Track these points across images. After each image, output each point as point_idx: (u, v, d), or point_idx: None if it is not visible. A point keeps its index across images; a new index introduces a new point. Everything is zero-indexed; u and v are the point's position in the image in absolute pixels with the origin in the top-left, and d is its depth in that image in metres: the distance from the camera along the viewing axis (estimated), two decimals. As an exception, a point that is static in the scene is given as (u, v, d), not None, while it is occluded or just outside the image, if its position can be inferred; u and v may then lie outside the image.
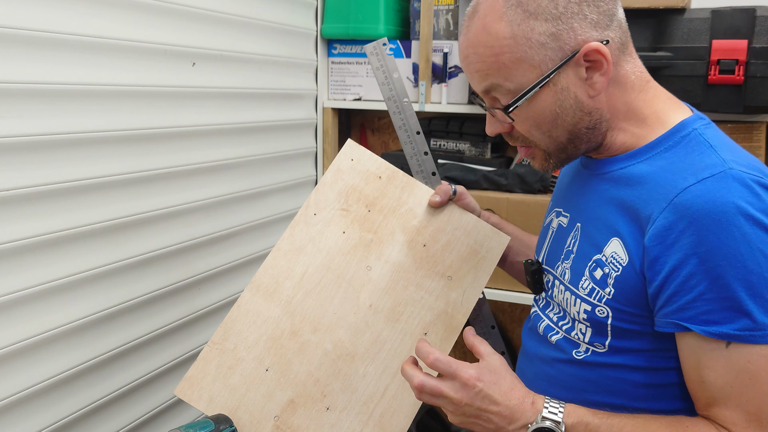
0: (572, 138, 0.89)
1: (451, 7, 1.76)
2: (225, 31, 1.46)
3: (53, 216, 1.10)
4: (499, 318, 2.06)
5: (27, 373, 1.07)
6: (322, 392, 1.03)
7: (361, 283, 1.09)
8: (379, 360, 1.05)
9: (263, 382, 1.02)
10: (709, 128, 0.88)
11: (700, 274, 0.77)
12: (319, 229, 1.11)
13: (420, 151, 1.19)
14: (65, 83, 1.10)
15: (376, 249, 1.11)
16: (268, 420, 1.00)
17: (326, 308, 1.07)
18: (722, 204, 0.76)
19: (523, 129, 0.90)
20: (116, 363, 1.25)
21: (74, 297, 1.15)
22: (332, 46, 1.90)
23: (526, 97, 0.85)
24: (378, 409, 1.02)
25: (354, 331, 1.06)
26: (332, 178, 1.15)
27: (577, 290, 0.92)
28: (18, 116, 1.03)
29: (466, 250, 1.12)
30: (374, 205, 1.13)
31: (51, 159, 1.09)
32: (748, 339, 0.77)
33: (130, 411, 1.30)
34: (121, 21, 1.19)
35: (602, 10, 0.84)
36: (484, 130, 1.80)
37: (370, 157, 1.16)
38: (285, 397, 1.02)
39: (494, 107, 0.90)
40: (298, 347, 1.04)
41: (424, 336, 1.06)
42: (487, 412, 0.85)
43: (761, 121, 1.52)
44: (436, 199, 1.13)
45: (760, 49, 1.40)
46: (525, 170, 1.68)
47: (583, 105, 0.86)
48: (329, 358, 1.04)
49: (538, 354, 1.01)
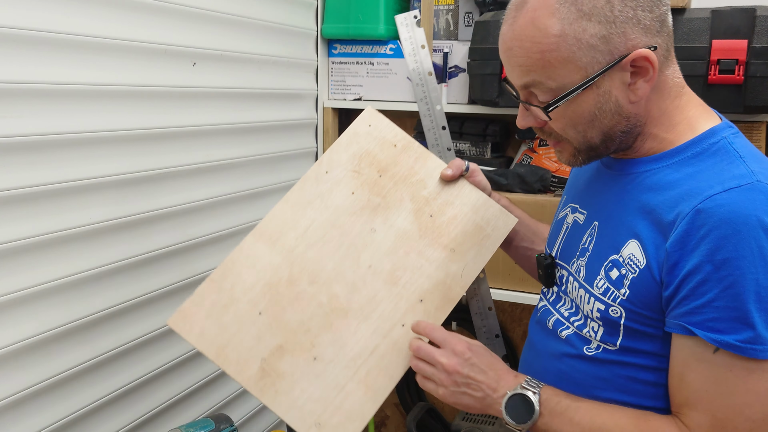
0: (605, 139, 0.88)
1: (451, 7, 1.76)
2: (225, 31, 1.46)
3: (53, 216, 1.10)
4: (499, 318, 2.06)
5: (27, 373, 1.07)
6: (311, 342, 1.03)
7: (364, 244, 1.10)
8: (372, 319, 1.06)
9: (255, 324, 1.03)
10: (738, 137, 0.87)
11: (713, 282, 0.78)
12: (328, 187, 1.12)
13: (438, 125, 1.20)
14: (65, 83, 1.10)
15: (383, 213, 1.12)
16: (254, 361, 1.01)
17: (326, 263, 1.08)
18: (745, 216, 0.76)
19: (558, 127, 0.89)
20: (116, 363, 1.25)
21: (74, 297, 1.15)
22: (332, 46, 1.90)
23: (568, 98, 0.84)
24: (365, 366, 1.03)
25: (351, 288, 1.07)
26: (348, 140, 1.16)
27: (591, 288, 0.92)
28: (18, 116, 1.03)
29: (472, 226, 1.13)
30: (386, 171, 1.14)
31: (51, 159, 1.09)
32: (748, 352, 0.77)
33: (130, 411, 1.30)
34: (121, 21, 1.19)
35: (655, 15, 0.83)
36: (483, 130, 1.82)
37: (388, 125, 1.17)
38: (274, 342, 1.03)
39: (530, 103, 0.89)
40: (293, 296, 1.05)
41: (420, 303, 1.07)
42: (475, 380, 0.93)
43: (761, 121, 1.52)
44: (448, 173, 1.13)
45: (760, 49, 1.40)
46: (525, 170, 1.68)
47: (622, 109, 0.85)
48: (323, 311, 1.05)
49: (547, 348, 1.01)
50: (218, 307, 1.03)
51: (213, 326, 1.02)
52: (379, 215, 1.12)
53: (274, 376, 1.01)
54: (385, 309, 1.07)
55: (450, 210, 1.14)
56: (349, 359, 1.03)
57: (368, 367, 1.03)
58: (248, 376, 1.00)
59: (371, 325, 1.05)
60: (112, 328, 1.23)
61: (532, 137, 1.79)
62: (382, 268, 1.09)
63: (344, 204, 1.12)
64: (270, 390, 1.00)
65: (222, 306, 1.03)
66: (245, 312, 1.03)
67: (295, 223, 1.10)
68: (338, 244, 1.09)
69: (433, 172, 1.15)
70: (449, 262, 1.11)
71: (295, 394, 1.00)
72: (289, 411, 1.00)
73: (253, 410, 1.70)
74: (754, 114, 1.49)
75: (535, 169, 1.69)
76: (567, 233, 1.03)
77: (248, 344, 1.02)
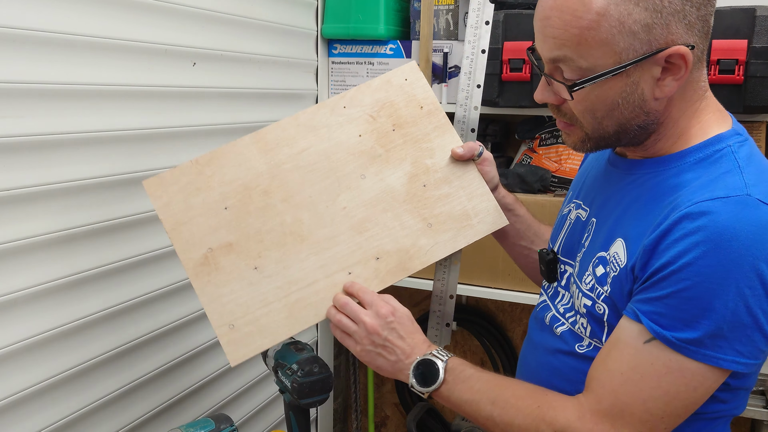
0: (619, 131, 0.86)
1: (451, 7, 1.76)
2: (225, 31, 1.46)
3: (53, 216, 1.10)
4: (499, 318, 2.06)
5: (27, 373, 1.07)
6: (259, 252, 1.06)
7: (348, 186, 1.10)
8: (323, 256, 1.07)
9: (217, 216, 1.06)
10: (744, 146, 0.86)
11: (672, 281, 0.78)
12: (340, 121, 1.13)
13: (471, 104, 1.19)
14: (65, 83, 1.10)
15: (379, 165, 1.12)
16: (202, 247, 1.04)
17: (306, 188, 1.09)
18: (723, 228, 0.75)
19: (577, 109, 0.86)
20: (116, 363, 1.25)
21: (74, 296, 1.15)
22: (332, 46, 1.90)
23: (596, 81, 0.81)
24: (297, 294, 1.05)
25: (318, 220, 1.08)
26: (378, 85, 1.16)
27: (581, 284, 0.93)
28: (18, 116, 1.03)
29: (460, 211, 1.12)
30: (401, 127, 1.14)
31: (51, 159, 1.09)
32: (680, 349, 0.78)
33: (130, 411, 1.30)
34: (121, 21, 1.19)
35: (701, 14, 0.80)
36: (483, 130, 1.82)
37: (423, 86, 1.16)
38: (227, 239, 1.05)
39: (555, 78, 0.85)
40: (262, 205, 1.08)
41: (375, 260, 1.08)
42: (392, 344, 0.97)
43: (761, 121, 1.52)
44: (459, 151, 1.12)
45: (760, 49, 1.40)
46: (525, 170, 1.68)
47: (645, 104, 0.83)
48: (282, 230, 1.07)
49: (543, 344, 1.01)
50: (192, 188, 1.06)
51: (180, 202, 1.05)
52: (375, 165, 1.12)
53: (213, 267, 1.04)
54: (339, 251, 1.08)
55: (445, 187, 1.13)
56: (286, 282, 1.05)
57: (300, 296, 1.05)
58: (191, 257, 1.04)
59: (320, 261, 1.07)
60: (111, 328, 1.23)
61: (532, 137, 1.79)
62: (355, 215, 1.09)
63: (347, 142, 1.12)
64: (204, 277, 1.04)
65: (195, 188, 1.06)
66: (213, 202, 1.06)
67: (293, 141, 1.11)
68: (324, 176, 1.10)
69: (446, 145, 1.14)
70: (421, 234, 1.10)
71: (223, 291, 1.04)
72: (211, 302, 1.03)
73: (253, 410, 1.70)
74: (754, 114, 1.49)
75: (535, 169, 1.69)
76: (570, 229, 1.03)
77: (203, 230, 1.05)
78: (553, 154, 1.74)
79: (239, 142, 1.09)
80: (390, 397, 2.23)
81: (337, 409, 2.18)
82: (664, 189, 0.85)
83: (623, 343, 0.83)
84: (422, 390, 0.95)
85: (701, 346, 0.77)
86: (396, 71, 1.16)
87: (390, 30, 1.82)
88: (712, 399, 0.84)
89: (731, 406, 0.89)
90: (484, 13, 1.18)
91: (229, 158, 1.08)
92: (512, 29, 1.60)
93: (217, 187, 1.07)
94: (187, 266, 1.04)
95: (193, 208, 1.06)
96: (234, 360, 1.02)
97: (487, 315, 2.06)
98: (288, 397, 1.10)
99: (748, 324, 0.76)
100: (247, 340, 1.03)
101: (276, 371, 1.10)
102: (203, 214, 1.05)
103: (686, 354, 0.78)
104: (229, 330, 1.03)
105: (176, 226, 1.04)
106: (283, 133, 1.11)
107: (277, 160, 1.09)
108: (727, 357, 0.78)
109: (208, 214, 1.06)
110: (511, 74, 1.62)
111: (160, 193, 1.05)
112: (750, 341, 0.77)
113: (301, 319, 1.05)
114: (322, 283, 1.06)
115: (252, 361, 1.65)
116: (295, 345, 1.11)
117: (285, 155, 1.10)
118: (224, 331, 1.03)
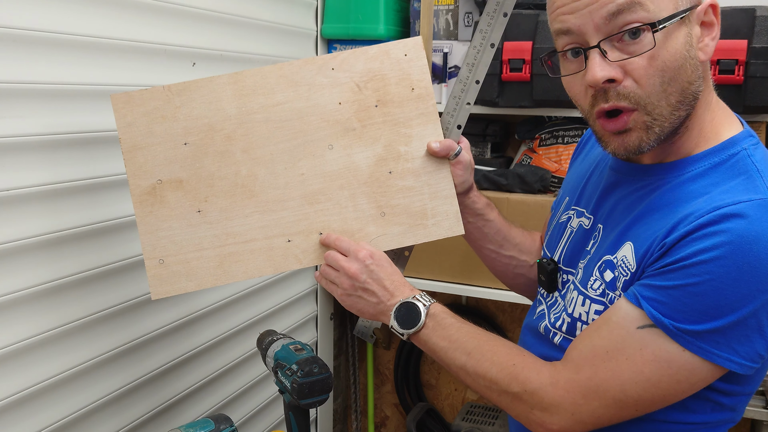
0: (680, 101, 0.82)
1: (451, 7, 1.76)
2: (225, 31, 1.46)
3: (53, 216, 1.10)
4: (499, 318, 2.06)
5: (27, 373, 1.07)
6: (206, 196, 1.05)
7: (312, 153, 1.07)
8: (268, 216, 1.06)
9: (174, 149, 1.05)
10: (758, 149, 0.85)
11: (681, 274, 0.77)
12: (323, 83, 1.08)
13: (465, 99, 1.12)
14: (65, 83, 1.10)
15: (350, 139, 1.08)
16: (152, 177, 1.04)
17: (269, 145, 1.07)
18: (744, 230, 0.75)
19: (644, 74, 0.80)
20: (116, 363, 1.25)
21: (75, 296, 1.15)
22: (332, 46, 1.90)
23: (675, 20, 0.78)
24: (233, 248, 1.05)
25: (272, 180, 1.07)
26: (375, 54, 1.09)
27: (586, 290, 0.92)
28: (18, 116, 1.03)
29: (419, 208, 1.08)
30: (385, 105, 1.09)
31: (51, 159, 1.09)
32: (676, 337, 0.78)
33: (130, 411, 1.30)
34: (121, 21, 1.19)
35: None
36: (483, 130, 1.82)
37: (421, 68, 1.09)
38: (179, 175, 1.05)
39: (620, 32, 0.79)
40: (222, 150, 1.06)
41: (318, 234, 1.07)
42: (373, 286, 0.99)
43: (761, 121, 1.52)
44: (434, 146, 1.07)
45: (760, 49, 1.40)
46: (525, 170, 1.68)
47: (698, 64, 0.82)
48: (235, 180, 1.06)
49: (540, 353, 1.00)
50: (157, 114, 1.05)
51: (143, 126, 1.04)
52: (346, 138, 1.08)
53: (158, 199, 1.04)
54: (284, 216, 1.07)
55: (411, 179, 1.08)
56: (224, 233, 1.05)
57: (235, 250, 1.05)
58: (140, 184, 1.03)
59: (263, 221, 1.06)
60: (112, 328, 1.23)
61: (532, 137, 1.79)
62: (310, 184, 1.07)
63: (325, 107, 1.08)
64: (147, 207, 1.04)
65: (161, 116, 1.05)
66: (175, 134, 1.05)
67: (271, 92, 1.08)
68: (291, 137, 1.07)
69: (426, 136, 1.08)
70: (371, 221, 1.08)
71: (162, 225, 1.04)
72: (148, 233, 1.03)
73: (253, 410, 1.70)
74: (754, 114, 1.49)
75: (535, 169, 1.69)
76: (572, 238, 1.01)
77: (157, 160, 1.04)
78: (553, 155, 1.74)
79: (216, 79, 1.07)
80: (390, 398, 2.23)
81: (336, 409, 2.18)
82: (681, 195, 0.84)
83: (615, 324, 0.82)
84: (402, 331, 0.97)
85: (698, 338, 0.77)
86: (398, 43, 1.09)
87: (390, 30, 1.82)
88: (719, 407, 0.84)
89: (736, 415, 0.88)
90: (505, 4, 1.07)
91: (202, 93, 1.06)
92: (512, 29, 1.61)
93: (182, 120, 1.05)
94: (134, 192, 1.03)
95: (154, 135, 1.04)
96: (156, 294, 1.03)
97: (487, 315, 2.06)
98: (288, 398, 1.10)
99: (750, 326, 0.76)
100: (173, 278, 1.04)
101: (276, 372, 1.10)
102: (162, 144, 1.04)
103: (681, 343, 0.77)
104: (158, 264, 1.04)
105: (133, 149, 1.03)
106: (263, 81, 1.07)
107: (249, 108, 1.07)
108: (722, 354, 0.77)
109: (166, 145, 1.04)
110: (511, 74, 1.62)
111: (125, 111, 1.04)
112: (748, 341, 0.77)
113: (230, 272, 1.05)
114: (259, 243, 1.06)
115: (252, 361, 1.66)
116: (294, 345, 1.11)
117: (258, 104, 1.07)
118: (153, 264, 1.03)
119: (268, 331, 1.20)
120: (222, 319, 1.54)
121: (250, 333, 1.63)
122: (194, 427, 1.04)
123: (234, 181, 1.06)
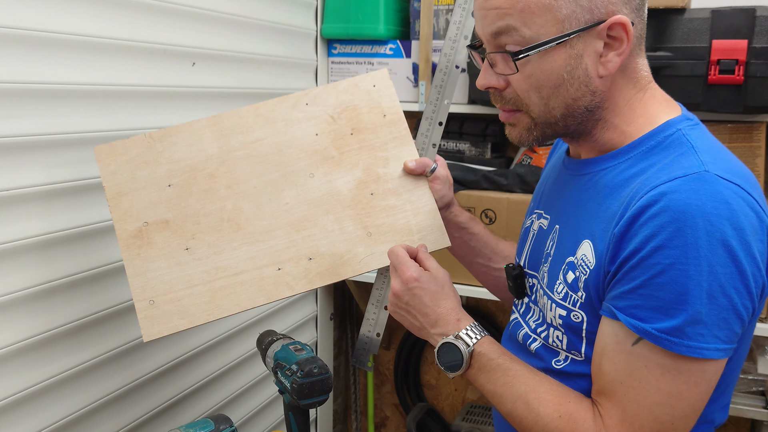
0: (566, 114, 0.85)
1: (451, 7, 1.76)
2: (225, 31, 1.46)
3: (54, 216, 1.10)
4: (499, 318, 2.06)
5: (27, 373, 1.07)
6: (193, 234, 1.06)
7: (295, 182, 1.10)
8: (256, 246, 1.07)
9: (159, 192, 1.06)
10: (695, 129, 0.85)
11: (642, 268, 0.76)
12: (298, 117, 1.13)
13: (437, 119, 1.15)
14: (65, 83, 1.10)
15: (330, 166, 1.11)
16: (138, 220, 1.05)
17: (252, 179, 1.09)
18: (685, 205, 0.74)
19: (521, 88, 0.85)
20: (116, 363, 1.25)
21: (75, 296, 1.15)
22: (332, 46, 1.90)
23: (542, 48, 0.80)
24: (223, 281, 1.05)
25: (257, 211, 1.08)
26: (345, 87, 1.15)
27: (552, 294, 0.91)
28: (18, 116, 1.03)
29: (403, 225, 1.11)
30: (360, 132, 1.13)
31: (51, 159, 1.09)
32: (663, 343, 0.76)
33: (130, 411, 1.30)
34: (121, 21, 1.19)
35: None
36: (483, 130, 1.82)
37: (390, 95, 1.15)
38: (165, 215, 1.06)
39: (499, 53, 0.85)
40: (206, 188, 1.08)
41: (308, 260, 1.08)
42: (415, 309, 0.95)
43: (761, 121, 1.52)
44: (410, 165, 1.11)
45: (760, 49, 1.40)
46: (525, 170, 1.68)
47: (590, 81, 0.83)
48: (221, 216, 1.07)
49: None
50: (140, 160, 1.07)
51: (126, 173, 1.06)
52: (326, 166, 1.11)
53: (145, 241, 1.04)
54: (273, 246, 1.07)
55: (393, 199, 1.11)
56: (214, 267, 1.06)
57: (225, 284, 1.05)
58: (126, 228, 1.05)
59: (252, 252, 1.07)
60: (111, 328, 1.23)
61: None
62: (296, 212, 1.09)
63: (302, 139, 1.12)
64: (134, 250, 1.04)
65: (143, 161, 1.07)
66: (158, 177, 1.07)
67: (249, 130, 1.11)
68: (272, 170, 1.10)
69: (402, 157, 1.13)
70: (359, 242, 1.09)
71: (151, 266, 1.04)
72: (136, 276, 1.04)
73: (253, 411, 1.70)
74: (754, 114, 1.49)
75: (535, 169, 1.69)
76: (533, 240, 1.01)
77: (143, 204, 1.06)
78: (553, 154, 1.74)
79: (196, 123, 1.09)
80: (390, 398, 2.23)
81: (336, 409, 2.18)
82: (619, 182, 0.84)
83: (612, 350, 0.80)
84: (447, 372, 0.93)
85: (683, 336, 0.75)
86: (366, 76, 1.15)
87: (390, 30, 1.82)
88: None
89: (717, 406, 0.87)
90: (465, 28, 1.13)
91: (183, 137, 1.08)
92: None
93: (165, 164, 1.07)
94: (120, 236, 1.04)
95: (138, 180, 1.06)
96: (147, 336, 1.03)
97: (487, 315, 2.06)
98: (287, 398, 1.10)
99: (723, 306, 0.75)
100: (165, 318, 1.03)
101: (275, 372, 1.11)
102: (146, 188, 1.06)
103: (669, 348, 0.76)
104: (149, 305, 1.03)
105: (117, 196, 1.05)
106: (240, 121, 1.11)
107: (230, 146, 1.09)
108: (709, 346, 0.75)
109: (151, 189, 1.06)
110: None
111: (109, 160, 1.06)
112: (726, 324, 0.76)
113: (222, 307, 1.05)
114: (249, 274, 1.06)
115: (252, 361, 1.66)
116: (294, 345, 1.11)
117: (238, 142, 1.10)
118: (144, 305, 1.03)
119: (267, 332, 1.20)
120: (221, 319, 1.54)
121: (249, 333, 1.63)
122: (194, 427, 1.04)
123: (220, 216, 1.07)
